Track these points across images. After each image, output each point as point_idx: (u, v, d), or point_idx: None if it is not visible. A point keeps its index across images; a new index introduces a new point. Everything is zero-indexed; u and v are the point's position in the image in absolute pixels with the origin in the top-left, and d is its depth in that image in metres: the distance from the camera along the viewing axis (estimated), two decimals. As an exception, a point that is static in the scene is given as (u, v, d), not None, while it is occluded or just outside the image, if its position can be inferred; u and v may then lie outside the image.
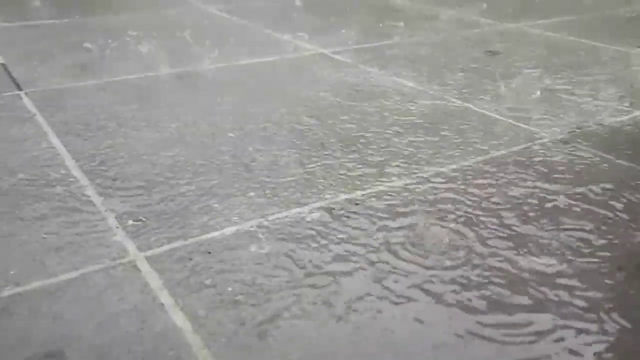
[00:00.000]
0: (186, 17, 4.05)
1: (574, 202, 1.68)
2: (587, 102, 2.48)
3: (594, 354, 1.15)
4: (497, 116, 2.31)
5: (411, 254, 1.44)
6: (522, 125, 2.22)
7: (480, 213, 1.62)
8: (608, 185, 1.78)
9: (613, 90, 2.63)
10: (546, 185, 1.78)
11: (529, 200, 1.69)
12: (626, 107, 2.43)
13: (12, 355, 1.14)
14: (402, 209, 1.64)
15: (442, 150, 2.00)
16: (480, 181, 1.80)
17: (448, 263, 1.41)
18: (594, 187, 1.77)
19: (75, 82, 2.70)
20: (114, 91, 2.58)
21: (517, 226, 1.56)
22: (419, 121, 2.25)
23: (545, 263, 1.41)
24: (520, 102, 2.47)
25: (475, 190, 1.74)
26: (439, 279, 1.36)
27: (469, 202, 1.68)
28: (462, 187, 1.76)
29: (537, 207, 1.65)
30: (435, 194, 1.72)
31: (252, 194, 1.72)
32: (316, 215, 1.61)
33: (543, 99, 2.52)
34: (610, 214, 1.63)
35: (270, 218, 1.60)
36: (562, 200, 1.69)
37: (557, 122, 2.25)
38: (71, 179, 1.80)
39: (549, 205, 1.67)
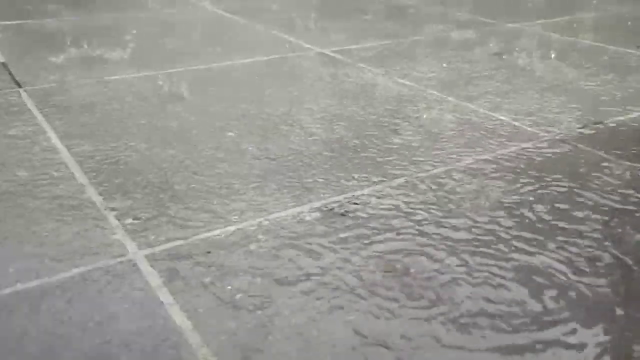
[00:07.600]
0: (187, 17, 4.05)
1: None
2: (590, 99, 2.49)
3: None
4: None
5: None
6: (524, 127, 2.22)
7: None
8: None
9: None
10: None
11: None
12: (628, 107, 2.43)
13: (11, 354, 1.14)
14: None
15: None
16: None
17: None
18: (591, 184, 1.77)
19: (75, 80, 2.69)
20: (113, 89, 2.58)
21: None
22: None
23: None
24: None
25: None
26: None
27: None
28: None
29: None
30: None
31: (252, 193, 1.72)
32: (315, 214, 1.62)
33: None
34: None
35: (271, 217, 1.60)
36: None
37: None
38: (71, 177, 1.80)
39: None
